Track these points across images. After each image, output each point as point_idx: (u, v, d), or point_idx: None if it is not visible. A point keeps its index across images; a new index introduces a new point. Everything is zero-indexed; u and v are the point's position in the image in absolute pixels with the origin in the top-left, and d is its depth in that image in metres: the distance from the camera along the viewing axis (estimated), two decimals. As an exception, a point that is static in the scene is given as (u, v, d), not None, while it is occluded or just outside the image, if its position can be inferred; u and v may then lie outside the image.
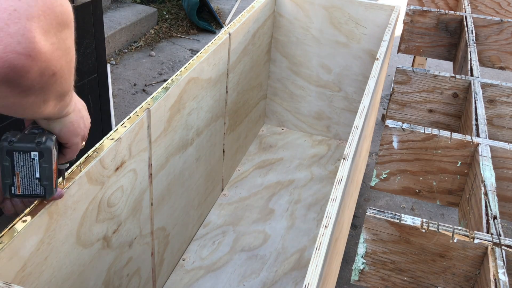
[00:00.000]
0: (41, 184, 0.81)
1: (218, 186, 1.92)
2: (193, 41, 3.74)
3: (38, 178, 0.80)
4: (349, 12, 2.05)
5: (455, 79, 1.43)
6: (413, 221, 0.94)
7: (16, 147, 0.78)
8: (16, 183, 0.80)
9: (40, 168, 0.80)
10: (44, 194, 0.83)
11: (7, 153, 0.78)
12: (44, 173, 0.80)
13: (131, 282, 1.31)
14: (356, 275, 1.03)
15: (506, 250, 0.89)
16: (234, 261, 1.70)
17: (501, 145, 1.17)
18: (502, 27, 1.85)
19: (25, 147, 0.78)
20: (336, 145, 2.33)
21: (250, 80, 2.02)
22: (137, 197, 1.23)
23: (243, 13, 1.80)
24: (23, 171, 0.79)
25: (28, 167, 0.79)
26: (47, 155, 0.79)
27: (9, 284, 0.73)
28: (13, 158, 0.78)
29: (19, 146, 0.78)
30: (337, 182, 1.02)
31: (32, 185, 0.81)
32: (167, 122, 1.32)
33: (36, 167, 0.80)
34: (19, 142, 0.78)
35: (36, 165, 0.79)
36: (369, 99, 1.31)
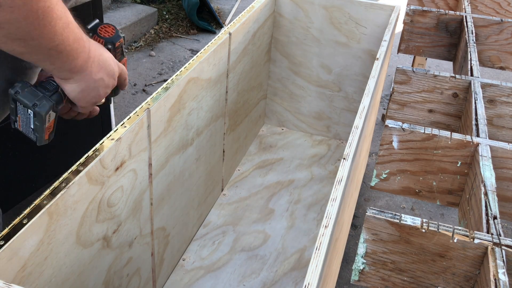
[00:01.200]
0: (33, 133, 0.91)
1: (218, 186, 1.92)
2: (193, 41, 3.74)
3: (33, 128, 0.91)
4: (349, 12, 2.05)
5: (455, 79, 1.43)
6: (413, 221, 0.94)
7: (18, 98, 0.88)
8: (17, 122, 0.92)
9: (34, 124, 0.90)
10: (36, 141, 0.93)
11: (12, 99, 0.89)
12: (36, 127, 0.90)
13: (131, 282, 1.31)
14: (356, 275, 1.03)
15: (506, 250, 0.89)
16: (234, 261, 1.70)
17: (501, 145, 1.17)
18: (502, 27, 1.85)
19: (24, 103, 0.88)
20: (336, 145, 2.33)
21: (250, 80, 2.02)
22: (137, 197, 1.23)
23: (243, 13, 1.80)
24: (22, 117, 0.91)
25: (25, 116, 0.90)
26: (39, 117, 0.88)
27: (9, 284, 0.73)
28: (16, 105, 0.89)
29: (20, 99, 0.88)
30: (337, 182, 1.02)
31: (28, 130, 0.92)
32: (167, 122, 1.32)
33: (31, 120, 0.90)
34: (22, 96, 0.88)
35: (31, 119, 0.90)
36: (369, 99, 1.31)
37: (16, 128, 0.93)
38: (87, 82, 0.88)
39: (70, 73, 0.85)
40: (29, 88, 0.89)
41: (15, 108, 0.89)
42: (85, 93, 0.89)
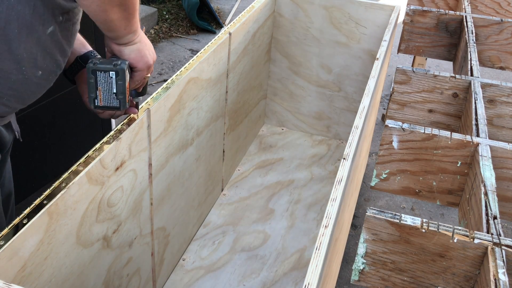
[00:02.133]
0: (117, 97, 1.02)
1: (218, 186, 1.92)
2: (193, 41, 3.74)
3: (115, 93, 1.01)
4: (349, 12, 2.05)
5: (455, 79, 1.43)
6: (413, 221, 0.94)
7: (99, 67, 0.99)
8: (98, 97, 1.02)
9: (116, 84, 1.01)
10: (119, 106, 1.03)
11: (92, 72, 0.99)
12: (119, 89, 1.01)
13: (131, 282, 1.31)
14: (356, 275, 1.03)
15: (506, 250, 0.89)
16: (234, 261, 1.70)
17: (501, 145, 1.17)
18: (502, 27, 1.85)
19: (105, 67, 0.99)
20: (336, 145, 2.33)
21: (250, 80, 2.02)
22: (137, 197, 1.23)
23: (243, 13, 1.80)
24: (104, 87, 1.01)
25: (107, 83, 1.01)
26: (121, 73, 1.00)
27: (9, 284, 0.73)
28: (96, 76, 1.00)
29: (101, 67, 0.99)
30: (337, 182, 1.02)
31: (110, 98, 1.02)
32: (167, 122, 1.32)
33: (114, 83, 1.01)
34: (101, 64, 0.99)
35: (114, 82, 1.00)
36: (369, 99, 1.31)
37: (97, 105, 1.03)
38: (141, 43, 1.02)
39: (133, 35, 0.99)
40: (102, 58, 1.02)
41: (95, 80, 1.00)
42: (142, 53, 1.03)
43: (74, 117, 1.98)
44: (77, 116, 2.00)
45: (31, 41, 0.90)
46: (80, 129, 2.04)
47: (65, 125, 1.96)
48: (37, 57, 0.92)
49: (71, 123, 1.98)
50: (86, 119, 2.06)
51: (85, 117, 2.05)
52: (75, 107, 1.95)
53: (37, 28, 0.89)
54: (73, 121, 1.99)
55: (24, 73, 0.91)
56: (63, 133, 1.96)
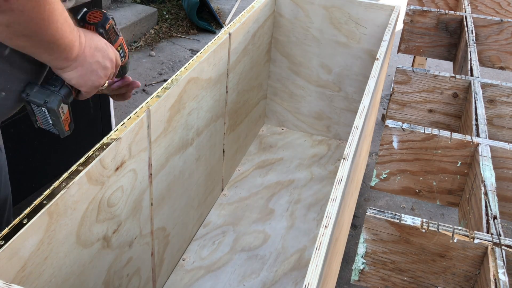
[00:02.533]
0: (54, 127, 0.98)
1: (218, 186, 1.92)
2: (193, 41, 3.74)
3: (52, 124, 0.97)
4: (349, 12, 2.05)
5: (455, 79, 1.43)
6: (413, 221, 0.94)
7: (30, 100, 0.94)
8: (38, 121, 0.98)
9: (51, 119, 0.96)
10: (58, 134, 1.00)
11: (27, 102, 0.95)
12: (54, 122, 0.97)
13: (131, 282, 1.31)
14: (356, 275, 1.03)
15: (506, 250, 0.89)
16: (234, 261, 1.70)
17: (501, 145, 1.17)
18: (502, 27, 1.85)
19: (36, 102, 0.94)
20: (336, 145, 2.33)
21: (250, 80, 2.02)
22: (137, 197, 1.23)
23: (243, 13, 1.80)
24: (40, 116, 0.97)
25: (42, 115, 0.96)
26: (52, 112, 0.95)
27: (9, 284, 0.73)
28: (31, 107, 0.95)
29: (32, 100, 0.94)
30: (337, 182, 1.02)
31: (48, 126, 0.98)
32: (167, 122, 1.32)
33: (48, 117, 0.96)
34: (32, 97, 0.94)
35: (48, 116, 0.96)
36: (369, 99, 1.31)
37: (39, 127, 0.99)
38: (83, 67, 0.93)
39: (67, 62, 0.90)
40: (37, 87, 0.94)
41: (32, 109, 0.95)
42: (85, 78, 0.95)
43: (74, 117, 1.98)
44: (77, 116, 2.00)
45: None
46: (80, 129, 2.04)
47: (65, 125, 1.96)
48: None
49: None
50: (86, 119, 2.06)
51: (85, 117, 2.05)
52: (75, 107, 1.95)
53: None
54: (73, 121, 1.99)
55: None
56: (63, 133, 1.96)
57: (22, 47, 0.83)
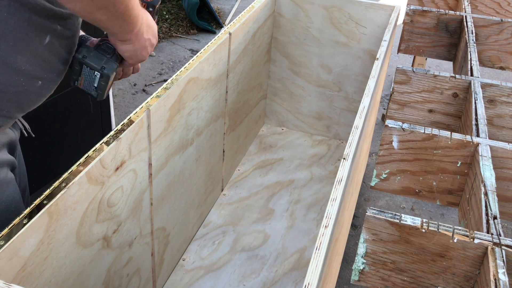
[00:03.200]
0: (96, 91, 1.03)
1: (218, 186, 1.92)
2: (193, 41, 3.74)
3: (95, 87, 1.02)
4: (349, 12, 2.05)
5: (455, 79, 1.43)
6: (413, 221, 0.94)
7: (86, 62, 0.99)
8: (79, 81, 1.02)
9: (98, 83, 1.01)
10: (96, 96, 1.04)
11: (78, 63, 1.00)
12: (100, 86, 1.02)
13: (131, 282, 1.31)
14: (356, 275, 1.03)
15: (506, 250, 0.89)
16: (234, 261, 1.70)
17: (501, 145, 1.17)
18: (502, 27, 1.85)
19: (92, 66, 0.99)
20: (336, 145, 2.33)
21: (250, 80, 2.02)
22: (137, 197, 1.23)
23: (243, 13, 1.80)
24: (86, 77, 1.01)
25: (90, 77, 1.01)
26: (105, 78, 1.00)
27: (9, 284, 0.73)
28: (81, 68, 1.00)
29: (88, 62, 0.99)
30: (337, 182, 1.02)
31: (90, 88, 1.03)
32: (167, 122, 1.32)
33: (96, 81, 1.01)
34: (89, 60, 0.99)
35: (97, 80, 1.01)
36: (369, 99, 1.31)
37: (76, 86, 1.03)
38: (139, 42, 1.00)
39: (129, 34, 0.97)
40: (93, 51, 1.00)
41: (80, 70, 1.00)
42: (137, 52, 1.02)
43: (74, 117, 1.98)
44: (77, 116, 2.00)
45: (28, 53, 0.89)
46: (80, 129, 2.04)
47: (65, 125, 1.96)
48: (35, 68, 0.91)
49: (71, 123, 1.98)
50: (86, 119, 2.06)
51: (85, 117, 2.05)
52: (75, 107, 1.96)
53: (33, 39, 0.89)
54: (73, 121, 1.99)
55: (23, 84, 0.91)
56: (63, 133, 1.96)
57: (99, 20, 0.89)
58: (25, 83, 0.91)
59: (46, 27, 0.90)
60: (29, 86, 0.92)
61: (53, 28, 0.91)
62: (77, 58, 0.99)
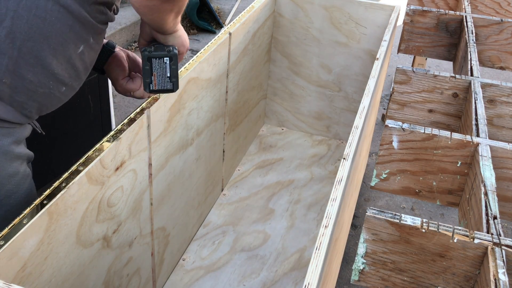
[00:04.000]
0: (170, 81, 1.09)
1: (218, 186, 1.92)
2: (193, 41, 3.74)
3: (169, 76, 1.09)
4: (349, 12, 2.05)
5: (455, 79, 1.43)
6: (413, 221, 0.94)
7: (154, 54, 1.06)
8: (153, 82, 1.09)
9: (170, 69, 1.08)
10: (173, 88, 1.11)
11: (147, 59, 1.06)
12: (173, 73, 1.09)
13: (131, 282, 1.31)
14: (356, 275, 1.04)
15: (506, 250, 0.89)
16: (234, 261, 1.70)
17: (501, 145, 1.17)
18: (502, 27, 1.85)
19: (160, 54, 1.07)
20: (336, 145, 2.33)
21: (250, 80, 2.02)
22: (137, 197, 1.23)
23: (243, 13, 1.80)
24: (158, 72, 1.08)
25: (162, 68, 1.08)
26: (175, 58, 1.08)
27: (9, 284, 0.73)
28: (151, 63, 1.07)
29: (156, 54, 1.06)
30: (337, 182, 1.02)
31: (164, 82, 1.09)
32: (167, 122, 1.32)
33: (168, 68, 1.08)
34: (155, 51, 1.06)
35: (168, 67, 1.08)
36: (369, 99, 1.31)
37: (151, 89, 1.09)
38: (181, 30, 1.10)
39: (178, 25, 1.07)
40: (154, 46, 1.08)
41: (150, 67, 1.07)
42: (183, 38, 1.11)
43: (74, 117, 1.98)
44: (77, 116, 2.00)
45: (63, 59, 0.94)
46: (80, 129, 2.04)
47: (65, 125, 1.96)
48: (65, 74, 0.96)
49: (71, 123, 1.98)
50: (86, 119, 2.06)
51: (85, 117, 2.05)
52: (75, 107, 1.95)
53: (70, 46, 0.94)
54: (73, 121, 1.99)
55: (50, 87, 0.95)
56: (63, 133, 1.96)
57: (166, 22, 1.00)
58: (53, 87, 0.95)
59: (82, 37, 0.95)
60: (55, 90, 0.96)
61: (87, 39, 0.97)
62: (145, 55, 1.06)
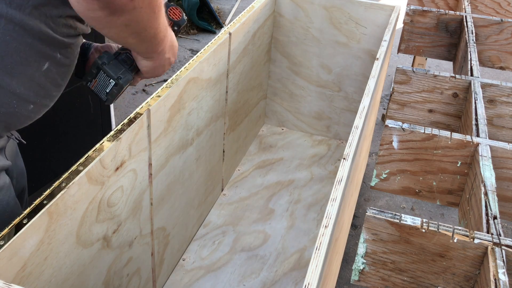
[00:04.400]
0: (106, 95, 1.07)
1: (218, 186, 1.92)
2: (193, 41, 3.74)
3: (107, 92, 1.06)
4: (349, 12, 2.05)
5: (455, 79, 1.43)
6: (413, 221, 0.94)
7: (104, 69, 1.03)
8: (92, 82, 1.06)
9: (111, 90, 1.05)
10: (105, 101, 1.07)
11: (96, 67, 1.04)
12: (111, 93, 1.06)
13: (131, 282, 1.31)
14: (356, 275, 1.04)
15: (506, 250, 0.89)
16: (234, 261, 1.70)
17: (501, 145, 1.17)
18: (502, 27, 1.85)
19: (109, 74, 1.03)
20: (336, 145, 2.33)
21: (250, 80, 2.02)
22: (137, 197, 1.23)
23: (243, 13, 1.80)
24: (99, 82, 1.05)
25: (104, 83, 1.05)
26: (119, 87, 1.05)
27: (9, 284, 0.73)
28: (98, 72, 1.04)
29: (106, 70, 1.03)
30: (337, 182, 1.02)
31: (101, 91, 1.07)
32: (167, 122, 1.32)
33: (109, 87, 1.05)
34: (108, 68, 1.03)
35: (110, 86, 1.05)
36: (369, 99, 1.31)
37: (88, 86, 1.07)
38: (160, 60, 1.03)
39: (153, 53, 1.00)
40: (113, 60, 1.04)
41: (96, 73, 1.05)
42: (156, 69, 1.06)
43: (74, 117, 1.98)
44: (77, 116, 2.00)
45: (24, 77, 0.89)
46: (80, 129, 2.04)
47: (65, 125, 1.96)
48: (30, 92, 0.91)
49: (71, 123, 1.98)
50: (86, 119, 2.06)
51: (85, 117, 2.05)
52: (75, 107, 1.96)
53: (32, 64, 0.89)
54: (73, 121, 1.99)
55: (15, 106, 0.90)
56: (63, 133, 1.96)
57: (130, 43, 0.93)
58: (17, 106, 0.90)
59: (46, 54, 0.90)
60: (21, 109, 0.91)
61: (53, 56, 0.92)
62: (97, 63, 1.03)
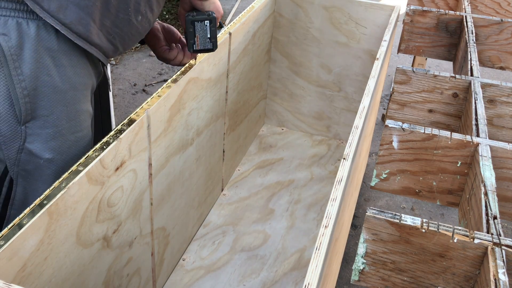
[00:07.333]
0: (210, 41, 1.28)
1: (218, 186, 1.92)
2: (193, 41, 3.73)
3: (209, 37, 1.28)
4: (349, 12, 2.05)
5: (455, 79, 1.43)
6: (413, 221, 0.94)
7: (196, 18, 1.25)
8: (196, 42, 1.28)
9: (210, 30, 1.27)
10: (212, 48, 1.30)
11: (191, 23, 1.25)
12: (212, 34, 1.27)
13: (131, 282, 1.31)
14: (356, 275, 1.04)
15: (506, 250, 0.89)
16: (234, 261, 1.70)
17: (501, 145, 1.17)
18: (502, 27, 1.85)
19: (201, 18, 1.25)
20: (336, 145, 2.33)
21: (250, 80, 2.02)
22: (137, 197, 1.23)
23: (243, 13, 1.80)
24: (200, 33, 1.27)
25: (203, 30, 1.26)
26: (214, 21, 1.26)
27: (9, 284, 0.73)
28: (194, 26, 1.26)
29: (198, 18, 1.25)
30: (337, 182, 1.02)
31: (205, 42, 1.28)
32: (167, 122, 1.32)
33: (208, 30, 1.26)
34: (197, 16, 1.25)
35: (208, 29, 1.26)
36: (369, 99, 1.31)
37: (195, 49, 1.28)
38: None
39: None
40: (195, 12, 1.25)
41: (193, 29, 1.25)
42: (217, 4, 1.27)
43: (74, 117, 1.98)
44: (77, 116, 1.99)
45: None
46: (80, 129, 2.03)
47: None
48: (140, 3, 1.11)
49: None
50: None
51: (85, 117, 2.04)
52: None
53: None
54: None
55: (129, 14, 1.10)
56: (63, 133, 1.96)
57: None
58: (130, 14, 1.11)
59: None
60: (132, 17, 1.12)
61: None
62: (189, 19, 1.23)
